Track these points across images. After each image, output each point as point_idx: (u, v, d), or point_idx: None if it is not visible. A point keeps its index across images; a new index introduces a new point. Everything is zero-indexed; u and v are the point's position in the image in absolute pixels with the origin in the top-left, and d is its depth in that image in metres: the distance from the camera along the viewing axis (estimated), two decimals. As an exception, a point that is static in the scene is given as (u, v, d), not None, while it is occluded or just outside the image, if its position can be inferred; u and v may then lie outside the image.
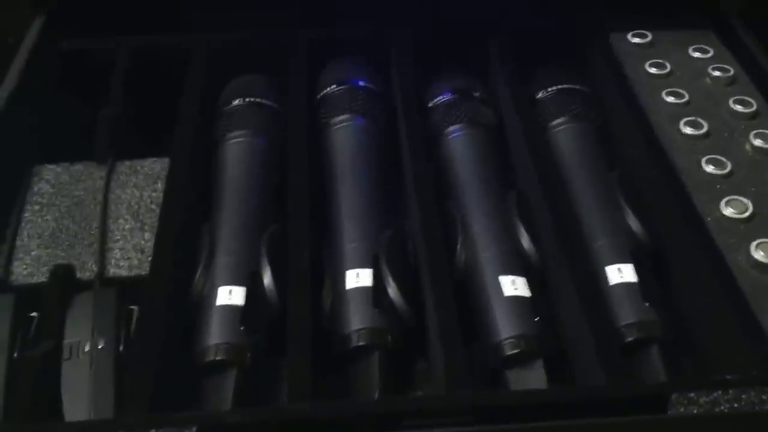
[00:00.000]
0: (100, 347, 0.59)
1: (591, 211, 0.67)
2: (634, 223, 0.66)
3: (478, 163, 0.72)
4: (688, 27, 0.81)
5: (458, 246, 0.65)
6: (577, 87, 0.78)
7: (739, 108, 0.71)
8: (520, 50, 0.80)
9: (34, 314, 0.62)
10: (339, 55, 0.81)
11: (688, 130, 0.69)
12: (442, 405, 0.53)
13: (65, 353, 0.59)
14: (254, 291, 0.62)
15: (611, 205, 0.68)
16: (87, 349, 0.59)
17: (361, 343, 0.60)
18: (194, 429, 0.50)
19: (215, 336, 0.60)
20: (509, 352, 0.59)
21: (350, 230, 0.66)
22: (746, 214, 0.62)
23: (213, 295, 0.62)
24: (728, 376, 0.52)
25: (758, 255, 0.58)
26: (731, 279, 0.58)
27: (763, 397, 0.50)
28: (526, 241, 0.66)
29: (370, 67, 0.80)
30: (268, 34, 0.83)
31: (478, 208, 0.68)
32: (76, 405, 0.57)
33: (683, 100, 0.72)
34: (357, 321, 0.60)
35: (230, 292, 0.62)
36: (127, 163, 0.73)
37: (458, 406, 0.52)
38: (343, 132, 0.74)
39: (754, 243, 0.59)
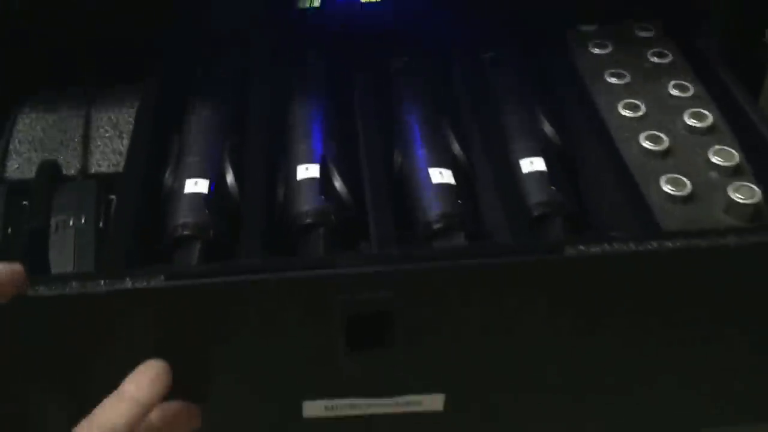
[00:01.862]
0: (82, 222, 0.68)
1: (513, 122, 0.77)
2: (548, 129, 0.76)
3: (422, 93, 0.82)
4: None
5: (395, 150, 0.75)
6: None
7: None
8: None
9: (25, 203, 0.71)
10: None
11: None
12: (373, 258, 0.61)
13: (53, 228, 0.68)
14: (217, 184, 0.71)
15: (531, 118, 0.77)
16: (71, 224, 0.68)
17: (308, 221, 0.68)
18: (162, 277, 0.57)
19: (182, 216, 0.68)
20: (435, 227, 0.68)
21: (302, 135, 0.75)
22: (639, 114, 0.72)
23: (181, 186, 0.71)
24: (612, 233, 0.62)
25: (647, 144, 0.68)
26: (624, 166, 0.68)
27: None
28: (455, 145, 0.75)
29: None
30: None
31: (416, 120, 0.77)
32: (61, 271, 0.66)
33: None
34: (305, 203, 0.69)
35: (196, 183, 0.70)
36: (110, 88, 0.82)
37: (386, 258, 0.59)
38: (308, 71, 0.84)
39: (644, 134, 0.69)
